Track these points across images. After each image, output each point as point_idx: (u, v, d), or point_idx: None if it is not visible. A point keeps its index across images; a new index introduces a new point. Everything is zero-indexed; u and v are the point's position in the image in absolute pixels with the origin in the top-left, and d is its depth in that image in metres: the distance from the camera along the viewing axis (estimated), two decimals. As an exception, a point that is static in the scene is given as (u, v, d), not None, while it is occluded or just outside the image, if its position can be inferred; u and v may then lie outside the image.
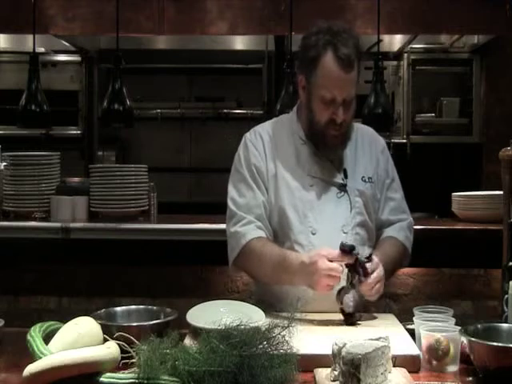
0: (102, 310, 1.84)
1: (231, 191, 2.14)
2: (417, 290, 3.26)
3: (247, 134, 2.21)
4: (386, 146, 2.26)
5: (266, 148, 2.14)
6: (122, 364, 1.51)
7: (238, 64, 5.68)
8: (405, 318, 1.93)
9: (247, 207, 2.09)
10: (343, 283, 1.90)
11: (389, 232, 2.18)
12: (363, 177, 2.14)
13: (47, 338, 1.59)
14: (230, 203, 2.13)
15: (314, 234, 2.06)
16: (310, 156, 2.11)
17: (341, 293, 1.90)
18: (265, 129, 2.20)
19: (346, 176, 2.11)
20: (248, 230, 2.06)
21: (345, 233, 2.08)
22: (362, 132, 2.23)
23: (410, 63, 5.29)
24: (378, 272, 1.89)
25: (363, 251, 2.01)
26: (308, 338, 1.69)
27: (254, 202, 2.09)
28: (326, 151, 2.10)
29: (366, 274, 1.87)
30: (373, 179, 2.16)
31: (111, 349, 1.50)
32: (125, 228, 3.23)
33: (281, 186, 2.10)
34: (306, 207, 2.07)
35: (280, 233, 2.10)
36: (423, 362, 1.62)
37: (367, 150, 2.19)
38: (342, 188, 2.10)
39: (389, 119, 3.91)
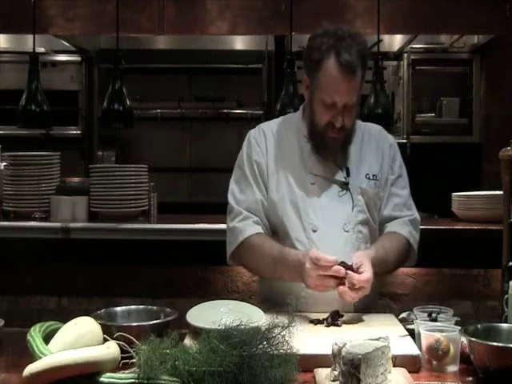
0: (102, 310, 1.84)
1: (232, 186, 2.17)
2: (417, 290, 3.26)
3: (251, 131, 2.22)
4: (394, 143, 2.24)
5: (268, 145, 2.15)
6: (121, 364, 1.51)
7: (237, 64, 5.67)
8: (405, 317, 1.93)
9: (245, 203, 2.11)
10: None
11: (390, 227, 2.14)
12: (367, 174, 2.13)
13: (47, 338, 1.59)
14: (229, 198, 2.15)
15: (314, 231, 2.06)
16: (313, 154, 2.11)
17: None
18: (270, 126, 2.21)
19: (348, 174, 2.10)
20: (246, 226, 2.07)
21: (346, 231, 2.08)
22: (370, 130, 2.22)
23: (410, 63, 5.30)
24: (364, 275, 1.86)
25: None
26: (308, 338, 1.69)
27: (252, 198, 2.11)
28: (325, 152, 2.10)
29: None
30: (377, 177, 2.15)
31: (111, 349, 1.50)
32: (125, 228, 3.23)
33: (282, 183, 2.10)
34: (307, 204, 2.08)
35: (280, 230, 2.10)
36: (423, 362, 1.62)
37: (373, 148, 2.18)
38: (344, 186, 2.10)
39: (389, 119, 3.91)
